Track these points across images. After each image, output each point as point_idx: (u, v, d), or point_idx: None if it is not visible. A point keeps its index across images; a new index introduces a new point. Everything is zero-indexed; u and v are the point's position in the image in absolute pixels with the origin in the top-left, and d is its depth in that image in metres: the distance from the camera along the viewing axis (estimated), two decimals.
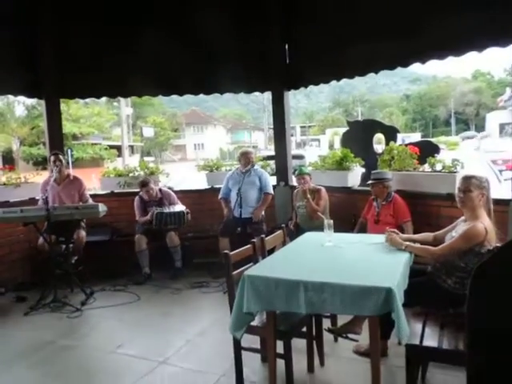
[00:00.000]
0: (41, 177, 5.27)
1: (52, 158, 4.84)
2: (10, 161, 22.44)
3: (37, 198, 4.98)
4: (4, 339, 3.62)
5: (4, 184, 4.97)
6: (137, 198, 5.26)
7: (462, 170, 3.87)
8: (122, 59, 5.52)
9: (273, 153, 6.17)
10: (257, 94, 6.69)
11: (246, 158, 5.04)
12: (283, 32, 5.56)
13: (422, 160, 4.31)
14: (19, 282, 4.86)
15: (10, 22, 5.13)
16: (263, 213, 5.05)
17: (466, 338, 1.37)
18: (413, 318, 2.54)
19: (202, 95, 6.18)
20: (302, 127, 58.29)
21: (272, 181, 5.36)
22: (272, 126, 6.13)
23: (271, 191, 5.16)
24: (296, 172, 4.87)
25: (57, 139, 5.61)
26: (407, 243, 2.81)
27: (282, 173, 5.74)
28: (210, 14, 5.29)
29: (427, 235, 3.02)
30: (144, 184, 5.12)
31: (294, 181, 5.78)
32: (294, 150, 6.99)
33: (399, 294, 2.17)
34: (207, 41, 5.39)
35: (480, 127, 52.59)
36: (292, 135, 7.30)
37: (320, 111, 79.87)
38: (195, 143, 50.33)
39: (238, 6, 5.49)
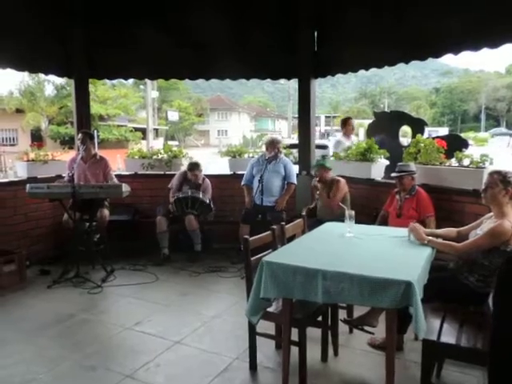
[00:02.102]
0: (68, 155, 5.37)
1: (80, 136, 4.92)
2: (38, 139, 22.91)
3: (63, 175, 5.09)
4: (28, 310, 3.75)
5: (32, 160, 5.09)
6: (182, 170, 5.37)
7: (490, 165, 3.76)
8: (150, 41, 5.54)
9: (296, 141, 6.13)
10: (282, 82, 6.73)
11: (273, 147, 5.01)
12: (313, 19, 5.47)
13: (449, 154, 4.21)
14: (44, 256, 5.01)
15: (43, 1, 5.19)
16: (285, 202, 5.04)
17: (489, 336, 1.34)
18: (431, 313, 2.50)
19: (227, 81, 6.17)
20: (326, 117, 57.64)
21: (295, 170, 5.34)
22: (296, 115, 6.09)
23: (295, 181, 5.15)
24: (314, 163, 4.82)
25: (84, 118, 5.69)
26: (430, 238, 2.76)
27: (304, 162, 5.70)
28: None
29: (450, 230, 2.96)
30: (191, 168, 5.21)
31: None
32: (317, 140, 6.92)
33: (419, 289, 2.14)
34: (234, 26, 5.35)
35: (511, 124, 51.00)
36: (316, 125, 7.22)
37: (345, 102, 78.88)
38: (219, 129, 50.42)
39: None
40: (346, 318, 3.07)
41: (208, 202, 5.12)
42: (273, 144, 5.06)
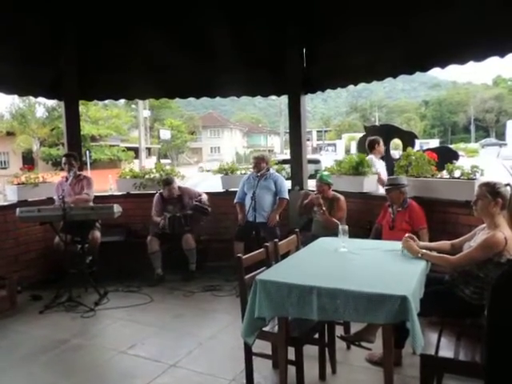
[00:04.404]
0: (58, 177, 5.34)
1: (63, 160, 4.95)
2: (30, 161, 22.87)
3: (54, 197, 5.05)
4: (19, 337, 3.67)
5: (23, 183, 5.05)
6: (157, 195, 5.31)
7: (481, 176, 3.78)
8: (140, 62, 5.58)
9: (289, 157, 6.15)
10: (274, 97, 6.69)
11: (258, 164, 5.03)
12: (301, 36, 5.54)
13: (440, 166, 4.23)
14: (35, 281, 4.92)
15: (33, 25, 5.21)
16: (277, 217, 5.02)
17: (483, 347, 1.32)
18: (428, 327, 2.48)
19: (218, 98, 6.20)
20: (318, 132, 58.11)
21: (287, 185, 5.33)
22: (288, 131, 6.10)
23: (286, 196, 5.13)
24: (317, 177, 4.78)
25: (75, 140, 5.69)
26: (424, 251, 2.75)
27: (296, 177, 5.70)
28: (227, 17, 5.33)
29: (444, 243, 2.95)
30: (168, 183, 5.19)
31: (309, 185, 5.74)
32: (309, 155, 6.94)
33: (414, 303, 2.13)
34: (224, 44, 5.40)
35: (500, 134, 51.74)
36: (308, 140, 7.26)
37: (337, 116, 79.73)
38: (211, 146, 50.67)
39: (256, 9, 5.49)
40: (342, 334, 3.03)
41: (199, 204, 5.11)
42: (259, 160, 5.07)
